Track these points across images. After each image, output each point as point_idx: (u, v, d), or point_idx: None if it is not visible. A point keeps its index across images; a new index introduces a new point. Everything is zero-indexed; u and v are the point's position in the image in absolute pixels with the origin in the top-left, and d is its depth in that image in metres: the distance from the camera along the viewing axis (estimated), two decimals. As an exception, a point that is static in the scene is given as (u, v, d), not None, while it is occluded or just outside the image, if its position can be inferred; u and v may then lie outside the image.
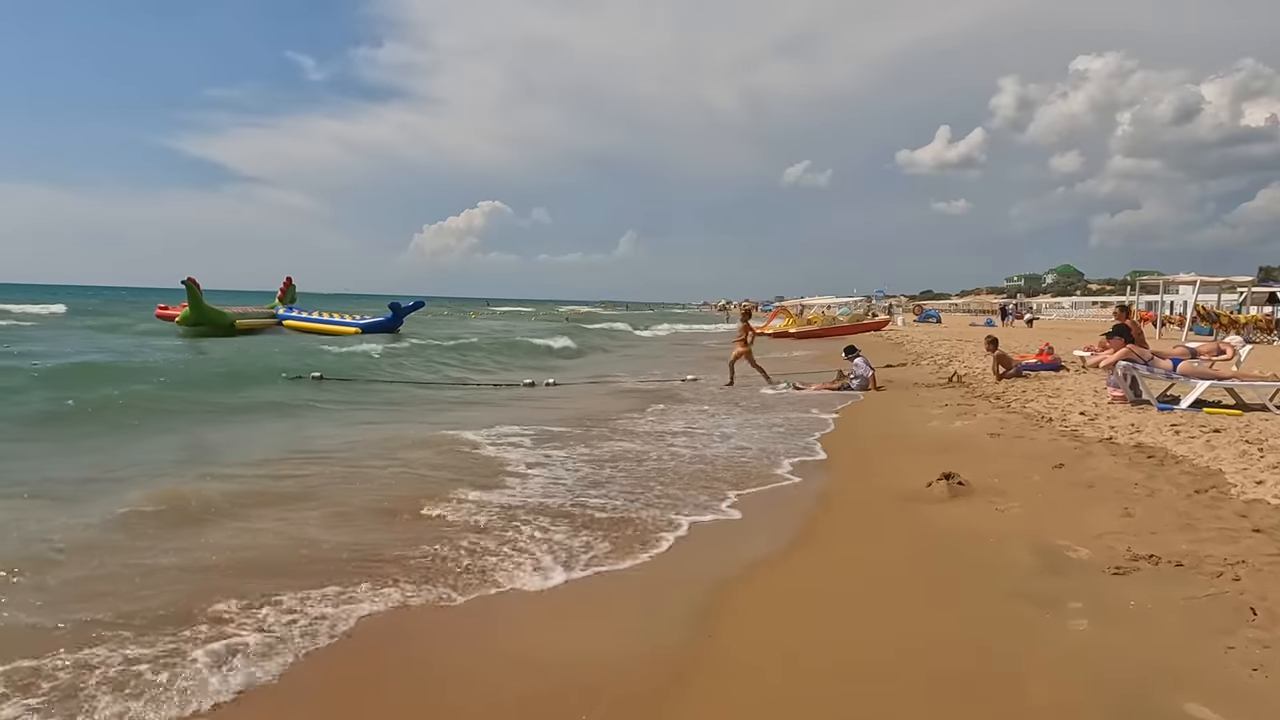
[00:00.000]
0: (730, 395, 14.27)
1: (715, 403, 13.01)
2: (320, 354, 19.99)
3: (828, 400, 13.59)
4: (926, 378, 15.77)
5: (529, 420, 10.33)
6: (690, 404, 12.78)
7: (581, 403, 13.07)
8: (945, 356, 20.70)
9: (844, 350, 15.06)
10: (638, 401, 13.08)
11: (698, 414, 11.40)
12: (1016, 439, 8.37)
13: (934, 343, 27.28)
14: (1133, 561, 4.36)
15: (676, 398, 13.58)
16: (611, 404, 13.02)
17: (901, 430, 9.62)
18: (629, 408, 12.18)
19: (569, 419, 10.62)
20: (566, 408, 12.27)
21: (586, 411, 11.60)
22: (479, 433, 9.02)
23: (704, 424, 10.44)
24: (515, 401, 13.50)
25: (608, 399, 13.83)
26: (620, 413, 11.42)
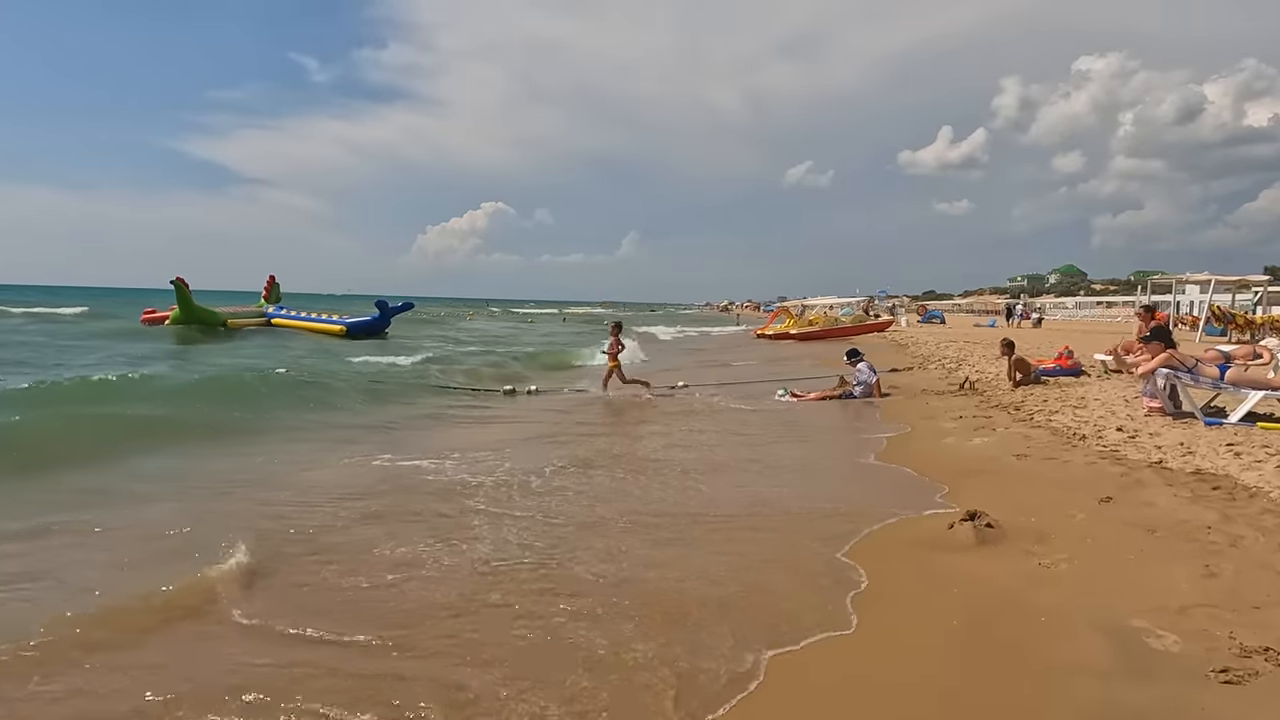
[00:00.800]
0: (723, 406, 13.09)
1: (701, 417, 11.83)
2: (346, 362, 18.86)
3: (828, 411, 12.40)
4: (936, 384, 14.56)
5: (492, 444, 9.14)
6: (675, 419, 11.59)
7: (557, 420, 11.89)
8: (954, 360, 19.48)
9: (846, 354, 13.85)
10: (612, 417, 11.92)
11: (686, 432, 10.21)
12: (1047, 461, 7.15)
13: (940, 345, 26.04)
14: (1244, 657, 3.16)
15: (662, 411, 12.40)
16: (589, 417, 11.85)
17: (912, 448, 8.41)
18: (606, 424, 11.01)
19: (549, 436, 9.43)
20: (545, 425, 11.10)
21: (560, 430, 10.43)
22: (430, 460, 7.82)
23: (680, 453, 9.25)
24: (491, 418, 12.31)
25: (588, 410, 12.66)
26: (597, 428, 10.24)
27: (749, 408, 12.80)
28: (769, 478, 7.16)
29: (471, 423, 11.24)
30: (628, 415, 11.84)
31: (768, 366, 21.74)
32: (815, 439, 9.63)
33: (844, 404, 12.92)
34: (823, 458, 8.51)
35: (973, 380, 13.86)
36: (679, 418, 11.44)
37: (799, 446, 8.98)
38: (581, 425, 10.80)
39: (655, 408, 12.72)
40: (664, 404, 13.28)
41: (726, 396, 14.34)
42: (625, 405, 13.06)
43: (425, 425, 10.80)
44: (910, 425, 10.02)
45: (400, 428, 10.45)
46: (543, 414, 11.95)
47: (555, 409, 12.64)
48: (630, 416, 11.70)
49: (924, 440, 8.87)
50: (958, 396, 12.67)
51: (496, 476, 7.04)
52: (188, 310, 29.71)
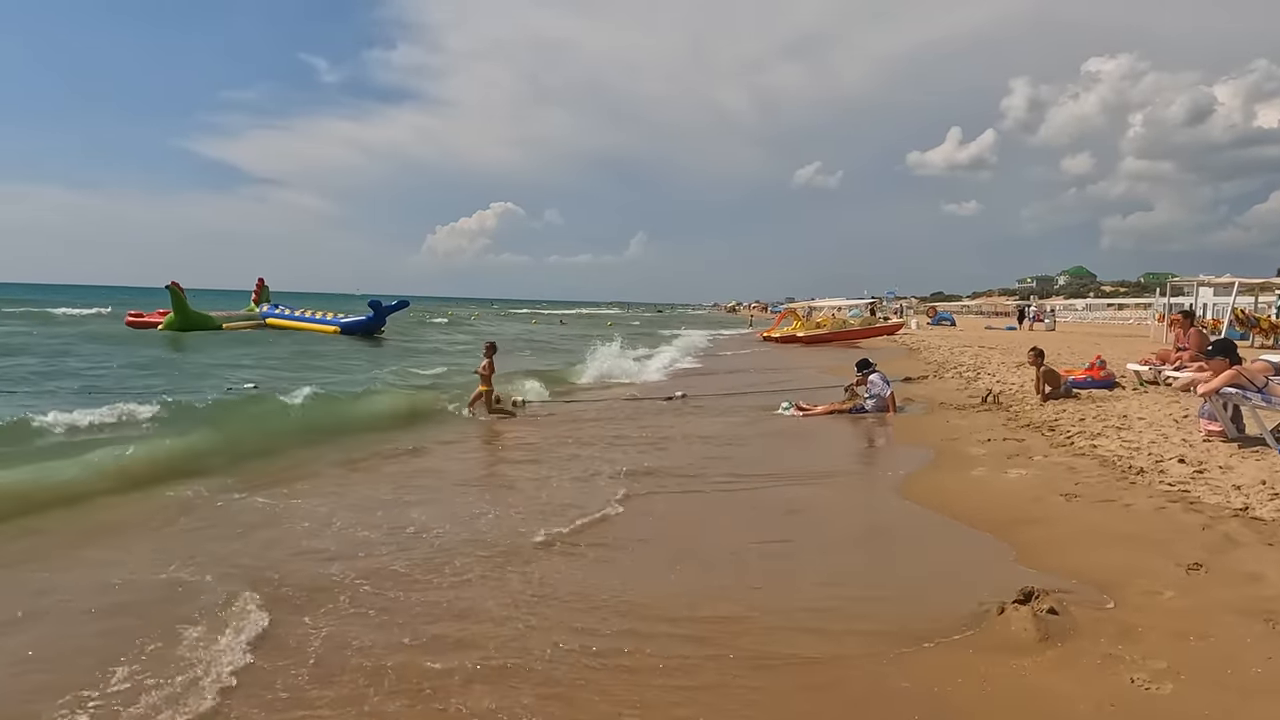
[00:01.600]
0: (717, 425, 11.90)
1: (691, 443, 10.64)
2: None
3: (837, 429, 11.19)
4: (954, 396, 13.32)
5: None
6: (663, 445, 10.39)
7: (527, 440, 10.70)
8: (971, 367, 18.23)
9: (856, 364, 12.61)
10: (574, 438, 10.72)
11: (674, 468, 9.01)
12: (1104, 505, 5.93)
13: (954, 349, 24.76)
14: None
15: (651, 434, 11.20)
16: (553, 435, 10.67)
17: (939, 482, 7.19)
18: (545, 450, 9.81)
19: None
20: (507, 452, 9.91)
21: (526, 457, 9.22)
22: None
23: (668, 508, 8.04)
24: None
25: (555, 428, 11.47)
26: (529, 454, 9.04)
27: (747, 423, 11.61)
28: (769, 561, 5.11)
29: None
30: (586, 432, 10.64)
31: (773, 376, 20.54)
32: (824, 472, 8.41)
33: (854, 420, 11.71)
34: (834, 507, 6.91)
35: (996, 393, 12.63)
36: (667, 444, 10.24)
37: (804, 490, 7.28)
38: (519, 453, 9.62)
39: (641, 425, 11.54)
40: (655, 419, 12.09)
41: (725, 408, 13.16)
42: (591, 421, 11.89)
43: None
44: (932, 449, 8.80)
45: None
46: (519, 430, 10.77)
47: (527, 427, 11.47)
48: (603, 434, 10.50)
49: (951, 470, 7.64)
50: (981, 412, 11.44)
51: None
52: (183, 316, 28.92)
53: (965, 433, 9.60)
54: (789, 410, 12.30)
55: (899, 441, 9.75)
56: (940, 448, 8.82)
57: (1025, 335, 38.26)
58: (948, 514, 6.04)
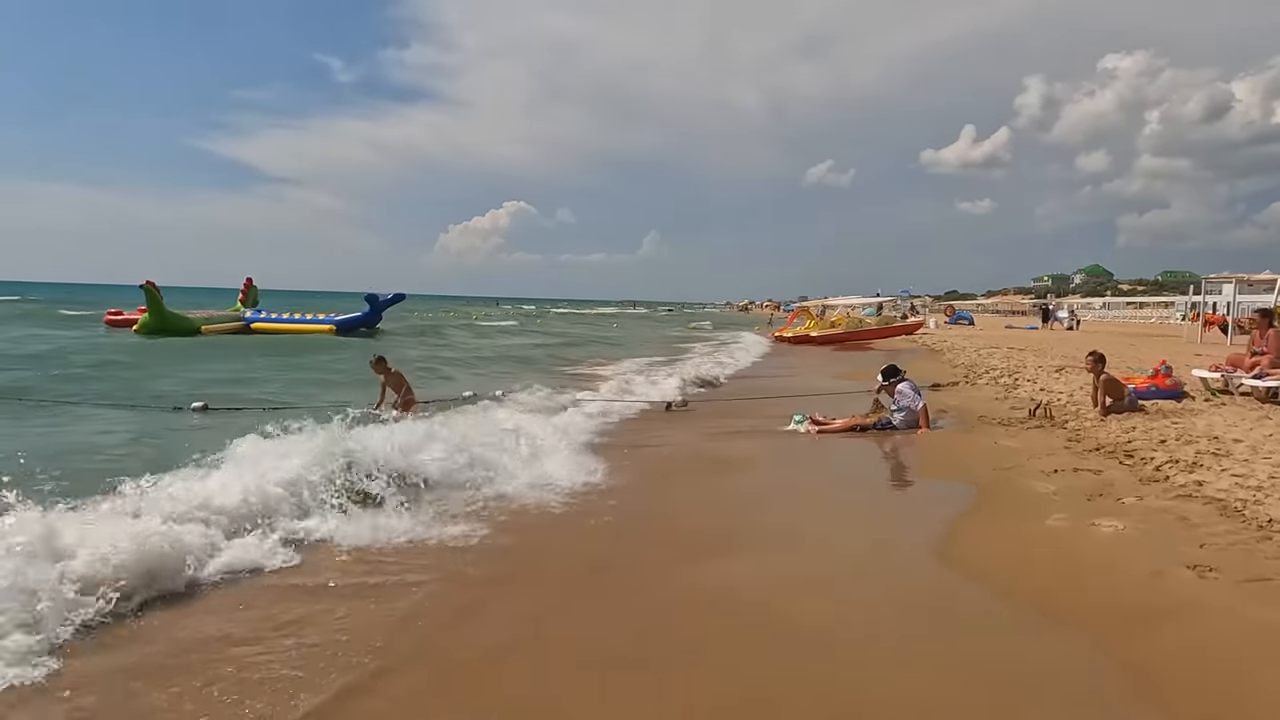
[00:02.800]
0: (710, 445, 10.13)
1: (673, 477, 8.90)
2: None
3: (857, 452, 9.41)
4: (994, 407, 11.48)
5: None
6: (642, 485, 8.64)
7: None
8: (1005, 371, 16.36)
9: (882, 371, 10.75)
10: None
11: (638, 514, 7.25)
12: (1257, 587, 4.13)
13: (980, 350, 22.85)
14: None
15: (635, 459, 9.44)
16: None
17: (1000, 538, 5.39)
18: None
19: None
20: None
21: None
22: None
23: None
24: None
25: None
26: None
27: (750, 441, 9.85)
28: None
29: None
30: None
31: (781, 382, 18.77)
32: (833, 519, 6.63)
33: (879, 437, 9.91)
34: (848, 584, 4.77)
35: (1046, 404, 10.79)
36: (636, 482, 8.47)
37: (804, 560, 5.15)
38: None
39: (620, 446, 9.78)
40: (641, 434, 10.34)
41: (726, 420, 11.40)
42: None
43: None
44: (981, 482, 7.00)
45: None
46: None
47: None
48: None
49: (1012, 518, 5.82)
50: (1031, 429, 9.62)
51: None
52: (159, 317, 27.26)
53: (1020, 458, 7.79)
54: (802, 425, 10.51)
55: (936, 469, 7.94)
56: (991, 481, 7.01)
57: (1049, 335, 36.28)
58: (1021, 598, 4.23)
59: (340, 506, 5.67)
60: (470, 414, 9.98)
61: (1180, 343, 28.73)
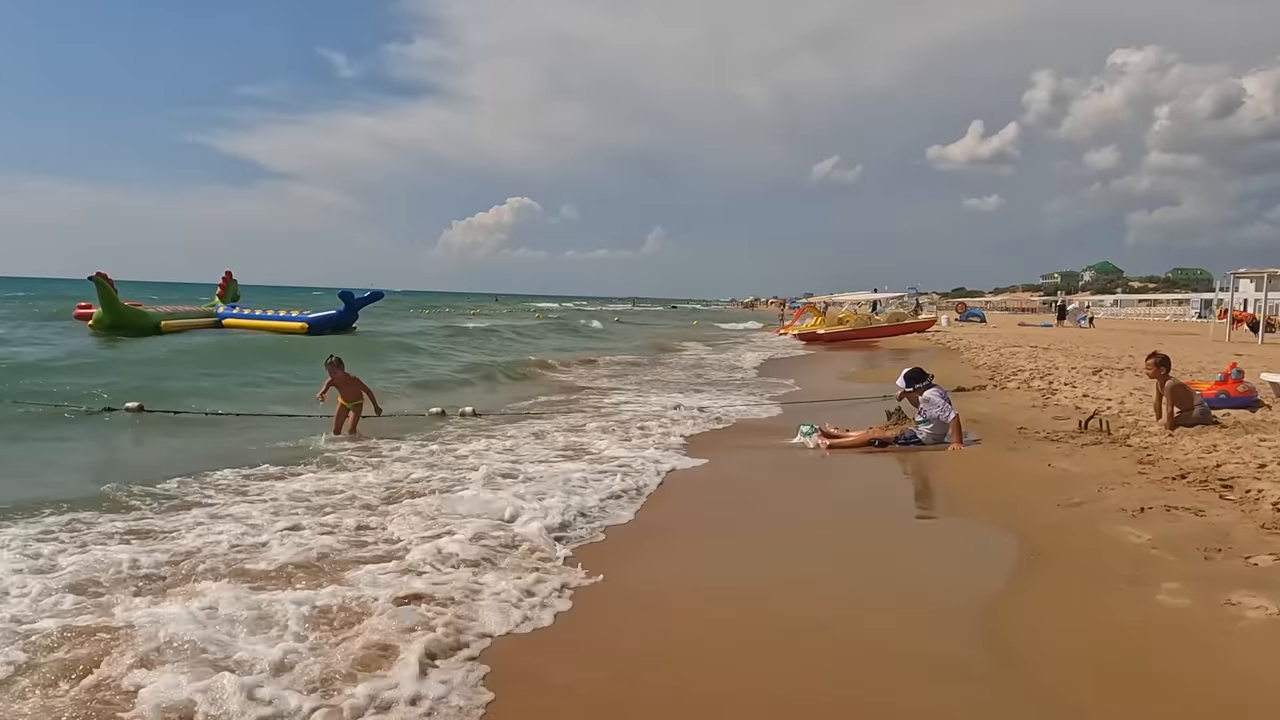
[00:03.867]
0: (694, 465, 8.52)
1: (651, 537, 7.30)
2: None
3: (875, 474, 7.82)
4: (1034, 417, 9.86)
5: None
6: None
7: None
8: (1035, 372, 14.70)
9: (903, 376, 9.06)
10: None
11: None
12: None
13: (1001, 350, 21.17)
14: None
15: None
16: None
17: (1093, 630, 3.77)
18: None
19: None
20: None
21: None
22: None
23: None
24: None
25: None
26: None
27: (746, 458, 8.27)
28: None
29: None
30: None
31: (787, 379, 17.14)
32: (838, 582, 5.01)
33: (901, 455, 8.30)
34: None
35: (1099, 414, 9.16)
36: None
37: (788, 658, 3.46)
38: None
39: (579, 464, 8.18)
40: (617, 450, 8.75)
41: (723, 430, 9.82)
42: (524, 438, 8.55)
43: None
44: (1039, 520, 5.39)
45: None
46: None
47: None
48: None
49: (1101, 584, 4.19)
50: (1087, 446, 7.99)
51: None
52: (113, 311, 25.39)
53: (1086, 487, 6.16)
54: (810, 438, 8.91)
55: (979, 502, 6.30)
56: (1058, 522, 5.39)
57: (1068, 333, 34.56)
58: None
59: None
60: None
61: (1206, 341, 27.09)
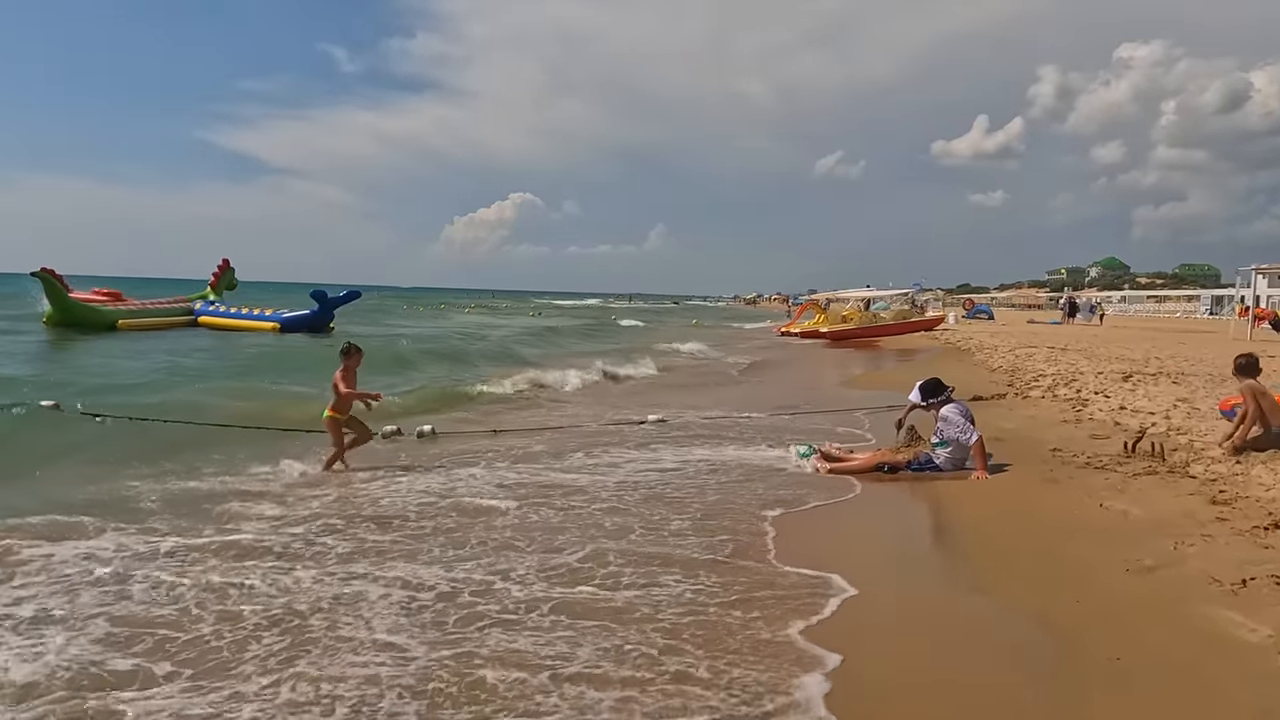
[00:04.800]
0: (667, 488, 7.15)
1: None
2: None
3: (883, 511, 6.46)
4: (1068, 434, 8.50)
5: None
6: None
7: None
8: (1058, 378, 13.34)
9: (918, 388, 7.62)
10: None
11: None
12: None
13: (1016, 351, 19.80)
14: None
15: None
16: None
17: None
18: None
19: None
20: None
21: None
22: None
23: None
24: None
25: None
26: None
27: (725, 493, 6.92)
28: None
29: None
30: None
31: (778, 388, 15.80)
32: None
33: (914, 485, 6.95)
34: None
35: (1148, 432, 7.80)
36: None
37: None
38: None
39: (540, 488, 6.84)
40: (583, 472, 7.41)
41: (706, 450, 8.47)
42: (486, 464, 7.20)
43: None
44: (1102, 592, 4.07)
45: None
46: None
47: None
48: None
49: (1214, 712, 2.90)
50: (1136, 473, 6.64)
51: None
52: (62, 308, 24.11)
53: (1154, 541, 4.81)
54: (807, 460, 7.57)
55: (1018, 558, 4.96)
56: (1129, 596, 4.04)
57: (1081, 331, 33.14)
58: None
59: None
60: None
61: (1226, 340, 25.73)
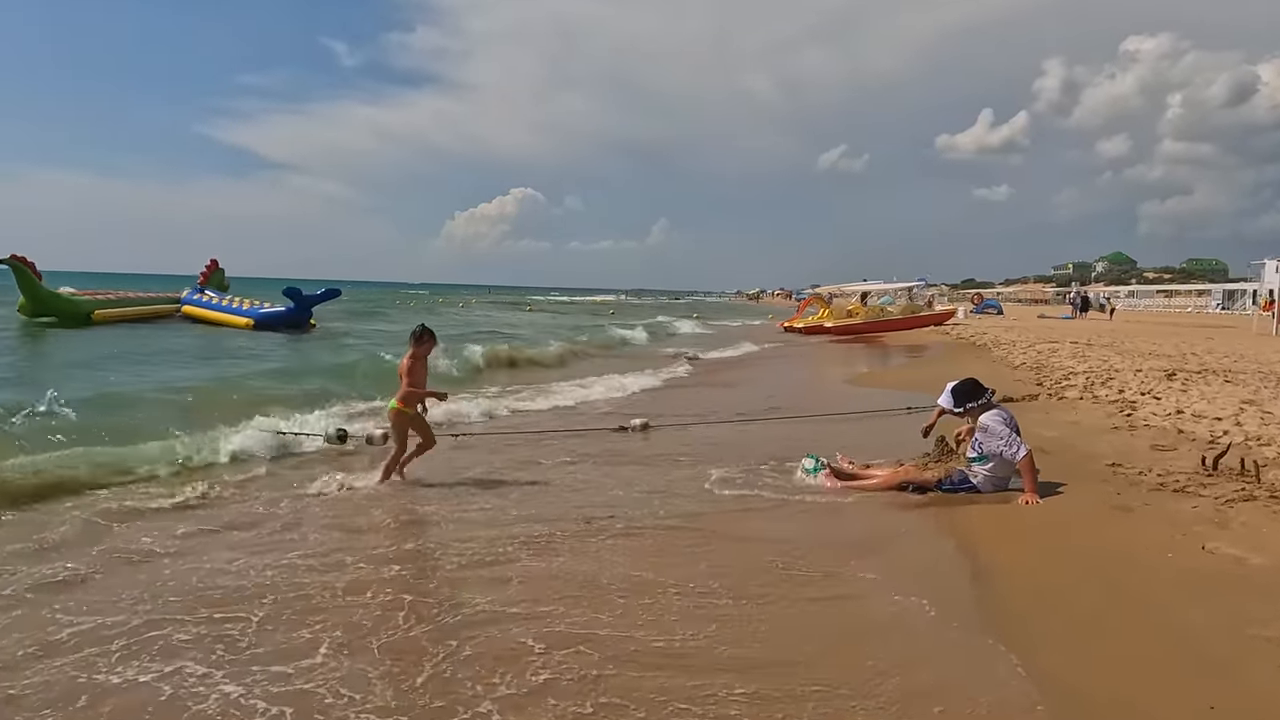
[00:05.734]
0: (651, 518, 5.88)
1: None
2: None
3: (928, 550, 5.14)
4: (1124, 444, 7.20)
5: None
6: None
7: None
8: (1089, 376, 12.02)
9: (950, 391, 6.19)
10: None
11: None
12: None
13: (1036, 346, 18.48)
14: None
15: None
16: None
17: None
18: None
19: None
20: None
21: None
22: None
23: None
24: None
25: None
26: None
27: (718, 516, 5.62)
28: None
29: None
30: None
31: (775, 386, 14.51)
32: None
33: (948, 508, 5.66)
34: None
35: (1226, 446, 6.50)
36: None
37: None
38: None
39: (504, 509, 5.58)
40: (549, 491, 6.14)
41: (697, 456, 7.18)
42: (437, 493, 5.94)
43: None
44: (1245, 695, 2.80)
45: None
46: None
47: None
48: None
49: None
50: (1229, 498, 5.35)
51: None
52: (35, 298, 23.16)
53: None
54: (816, 475, 6.30)
55: (1088, 627, 3.68)
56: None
57: (1098, 326, 31.79)
58: None
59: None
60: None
61: (1250, 335, 24.45)
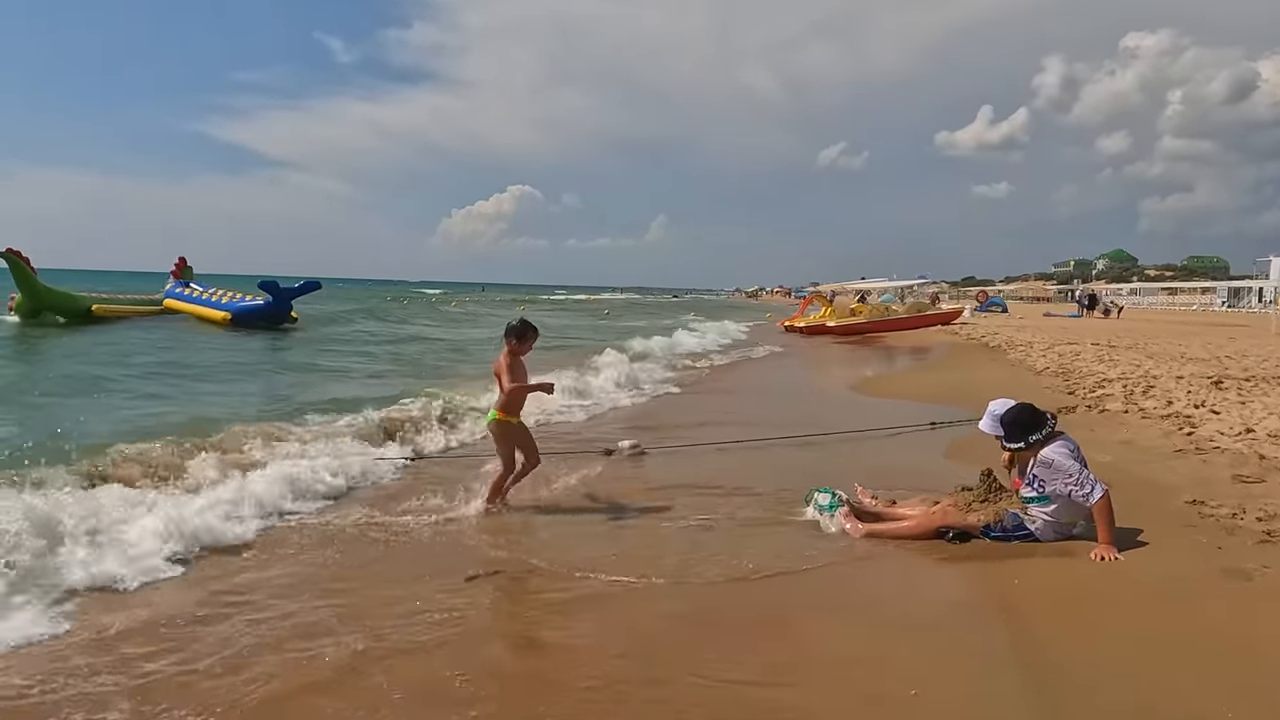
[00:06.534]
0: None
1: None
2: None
3: (979, 633, 4.01)
4: (1197, 473, 6.10)
5: None
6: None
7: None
8: (1126, 383, 10.93)
9: (1001, 421, 4.97)
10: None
11: None
12: None
13: (1055, 348, 17.36)
14: None
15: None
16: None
17: None
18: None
19: None
20: None
21: None
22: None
23: None
24: None
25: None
26: None
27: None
28: None
29: None
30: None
31: (772, 394, 13.42)
32: None
33: (998, 561, 4.57)
34: None
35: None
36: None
37: None
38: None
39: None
40: (518, 533, 5.07)
41: (691, 490, 6.08)
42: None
43: None
44: None
45: None
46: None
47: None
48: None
49: None
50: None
51: None
52: (32, 294, 22.56)
53: None
54: (832, 515, 5.21)
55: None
56: None
57: (1110, 325, 30.75)
58: None
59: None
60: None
61: (1269, 335, 23.45)
